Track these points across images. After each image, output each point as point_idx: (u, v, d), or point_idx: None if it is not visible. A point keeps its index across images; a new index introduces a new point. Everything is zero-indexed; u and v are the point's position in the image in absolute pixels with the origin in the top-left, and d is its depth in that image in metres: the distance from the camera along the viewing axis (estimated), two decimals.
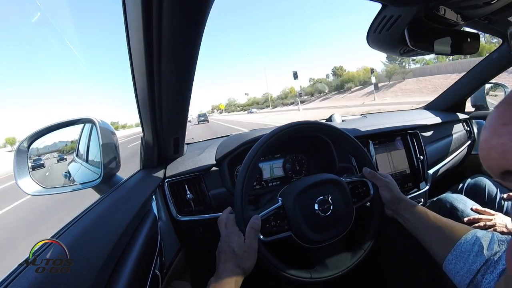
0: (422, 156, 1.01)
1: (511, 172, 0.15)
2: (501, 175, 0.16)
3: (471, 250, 0.43)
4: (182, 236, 0.78)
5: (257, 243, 0.51)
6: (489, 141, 0.16)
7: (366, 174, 0.63)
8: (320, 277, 0.54)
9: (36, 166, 0.67)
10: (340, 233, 0.57)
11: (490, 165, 0.16)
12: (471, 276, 0.40)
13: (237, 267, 0.49)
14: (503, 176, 0.16)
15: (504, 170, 0.15)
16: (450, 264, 0.45)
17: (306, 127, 0.60)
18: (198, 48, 0.40)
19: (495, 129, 0.16)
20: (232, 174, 0.82)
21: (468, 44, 0.62)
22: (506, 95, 0.17)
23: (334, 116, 1.15)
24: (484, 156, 0.16)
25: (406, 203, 0.59)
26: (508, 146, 0.15)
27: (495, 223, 0.74)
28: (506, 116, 0.15)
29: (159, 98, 0.50)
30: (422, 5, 0.51)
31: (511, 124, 0.15)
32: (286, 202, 0.55)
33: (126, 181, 0.68)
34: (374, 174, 0.62)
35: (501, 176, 0.16)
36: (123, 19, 0.38)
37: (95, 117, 0.65)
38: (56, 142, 0.72)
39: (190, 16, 0.34)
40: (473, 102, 1.39)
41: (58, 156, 0.76)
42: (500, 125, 0.15)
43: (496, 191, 0.89)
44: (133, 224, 0.49)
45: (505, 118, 0.15)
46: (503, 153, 0.15)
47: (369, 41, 0.67)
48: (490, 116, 0.17)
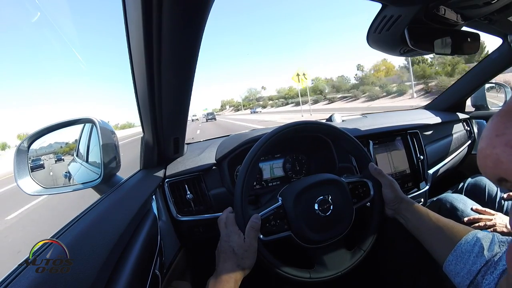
0: (422, 156, 1.01)
1: (506, 179, 0.16)
2: (497, 181, 0.17)
3: (472, 251, 0.43)
4: (182, 236, 0.78)
5: (257, 243, 0.51)
6: (484, 151, 0.17)
7: (372, 170, 0.62)
8: (319, 277, 0.54)
9: (35, 166, 0.66)
10: (339, 233, 0.57)
11: (486, 172, 0.18)
12: (471, 277, 0.40)
13: (236, 267, 0.49)
14: (499, 182, 0.17)
15: (499, 177, 0.17)
16: (451, 265, 0.45)
17: (306, 127, 0.60)
18: (198, 48, 0.40)
19: (489, 140, 0.17)
20: (232, 174, 0.82)
21: (468, 44, 0.62)
22: (501, 107, 0.18)
23: (334, 116, 1.15)
24: (481, 164, 0.18)
25: (407, 203, 0.59)
26: (501, 156, 0.16)
27: (495, 223, 0.74)
28: (499, 128, 0.17)
29: (159, 98, 0.50)
30: (422, 5, 0.51)
31: (503, 135, 0.16)
32: (286, 202, 0.55)
33: (126, 181, 0.68)
34: (380, 171, 0.62)
35: (497, 182, 0.17)
36: (123, 19, 0.38)
37: (95, 117, 0.65)
38: (51, 143, 0.72)
39: (190, 16, 0.34)
40: (473, 102, 1.39)
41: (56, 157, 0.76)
42: (494, 136, 0.17)
43: (496, 191, 0.89)
44: (133, 224, 0.49)
45: (498, 130, 0.17)
46: (497, 163, 0.16)
47: (369, 41, 0.67)
48: (486, 127, 0.18)
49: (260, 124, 12.10)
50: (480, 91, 1.31)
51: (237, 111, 75.06)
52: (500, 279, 0.37)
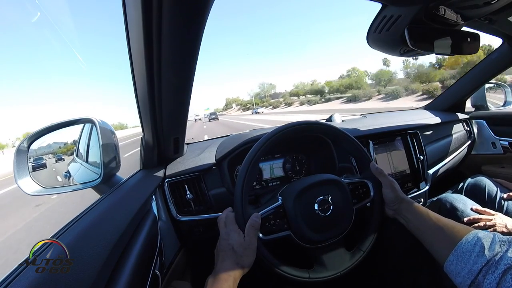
0: (422, 156, 1.01)
1: None
2: None
3: (473, 250, 0.43)
4: (182, 236, 0.78)
5: (256, 241, 0.51)
6: None
7: (373, 169, 0.62)
8: (318, 277, 0.54)
9: (37, 166, 0.67)
10: (339, 233, 0.57)
11: None
12: (472, 276, 0.40)
13: (235, 265, 0.49)
14: None
15: None
16: (451, 265, 0.44)
17: (306, 127, 0.60)
18: (198, 47, 0.40)
19: None
20: (232, 174, 0.82)
21: (468, 44, 0.62)
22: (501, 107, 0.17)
23: (334, 116, 1.15)
24: None
25: (408, 203, 0.59)
26: None
27: (495, 223, 0.74)
28: None
29: (159, 98, 0.50)
30: (422, 5, 0.51)
31: None
32: (286, 201, 0.55)
33: (126, 181, 0.68)
34: (381, 170, 0.62)
35: None
36: (123, 19, 0.38)
37: (95, 117, 0.65)
38: (50, 143, 0.72)
39: (190, 15, 0.34)
40: (473, 102, 1.39)
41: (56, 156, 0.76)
42: None
43: (496, 191, 0.89)
44: (133, 224, 0.49)
45: None
46: None
47: (369, 41, 0.67)
48: None
49: None
50: (480, 91, 1.31)
51: (246, 110, 63.19)
52: (502, 278, 0.37)
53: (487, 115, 1.30)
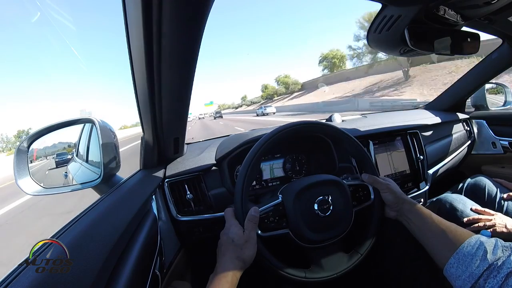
0: (422, 156, 1.01)
1: None
2: None
3: (475, 254, 0.43)
4: (182, 236, 0.78)
5: (255, 234, 0.51)
6: None
7: (366, 179, 0.63)
8: (314, 278, 0.54)
9: (61, 161, 0.71)
10: (338, 234, 0.57)
11: None
12: (473, 280, 0.40)
13: (235, 258, 0.49)
14: None
15: None
16: (452, 268, 0.44)
17: (306, 127, 0.60)
18: (198, 47, 0.40)
19: None
20: (232, 174, 0.82)
21: (468, 44, 0.62)
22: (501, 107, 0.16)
23: (334, 116, 1.15)
24: None
25: (410, 204, 0.58)
26: None
27: (495, 223, 0.74)
28: None
29: (159, 98, 0.50)
30: (422, 5, 0.51)
31: None
32: (286, 200, 0.56)
33: (126, 181, 0.68)
34: (374, 179, 0.62)
35: None
36: (123, 18, 0.38)
37: (95, 117, 0.65)
38: (48, 146, 0.72)
39: (191, 15, 0.34)
40: (473, 102, 1.39)
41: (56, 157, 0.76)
42: None
43: (496, 191, 0.89)
44: (133, 224, 0.49)
45: None
46: None
47: (369, 41, 0.67)
48: None
49: None
50: (480, 91, 1.31)
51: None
52: (504, 282, 0.37)
53: (487, 115, 1.30)
